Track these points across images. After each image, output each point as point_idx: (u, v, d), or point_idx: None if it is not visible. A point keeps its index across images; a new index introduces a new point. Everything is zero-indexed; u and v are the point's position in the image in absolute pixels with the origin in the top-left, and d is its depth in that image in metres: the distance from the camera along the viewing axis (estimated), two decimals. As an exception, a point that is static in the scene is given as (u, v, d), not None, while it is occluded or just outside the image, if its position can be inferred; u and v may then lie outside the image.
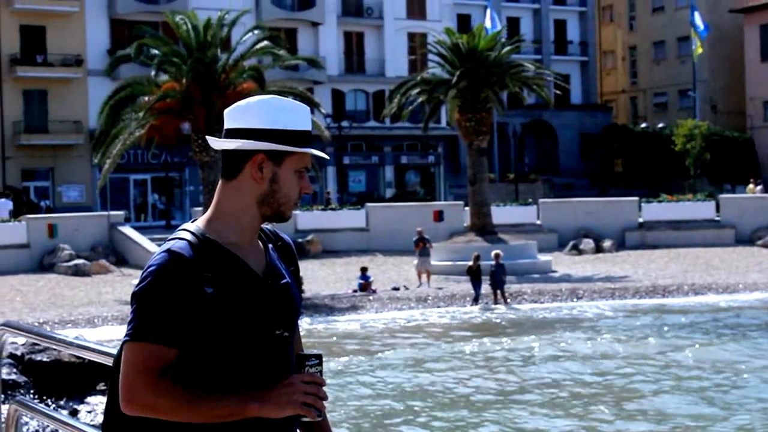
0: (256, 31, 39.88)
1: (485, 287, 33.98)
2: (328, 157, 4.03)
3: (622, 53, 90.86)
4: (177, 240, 3.50)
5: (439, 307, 34.00)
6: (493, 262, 33.71)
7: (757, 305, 32.82)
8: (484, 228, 45.15)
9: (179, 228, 3.58)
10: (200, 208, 41.48)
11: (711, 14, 79.93)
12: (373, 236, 50.00)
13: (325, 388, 3.40)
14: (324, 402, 3.40)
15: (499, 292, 33.76)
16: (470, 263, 33.98)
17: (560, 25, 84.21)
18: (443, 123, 63.68)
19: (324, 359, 3.49)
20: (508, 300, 34.02)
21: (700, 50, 71.49)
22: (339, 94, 71.25)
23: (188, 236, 3.51)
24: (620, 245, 50.51)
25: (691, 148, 71.05)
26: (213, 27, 37.72)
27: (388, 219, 50.76)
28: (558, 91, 47.89)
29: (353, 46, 72.91)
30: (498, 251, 34.84)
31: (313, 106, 39.46)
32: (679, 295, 35.96)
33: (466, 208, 48.62)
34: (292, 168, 3.59)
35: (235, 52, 38.28)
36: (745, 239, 50.51)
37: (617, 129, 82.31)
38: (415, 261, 38.55)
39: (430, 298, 35.38)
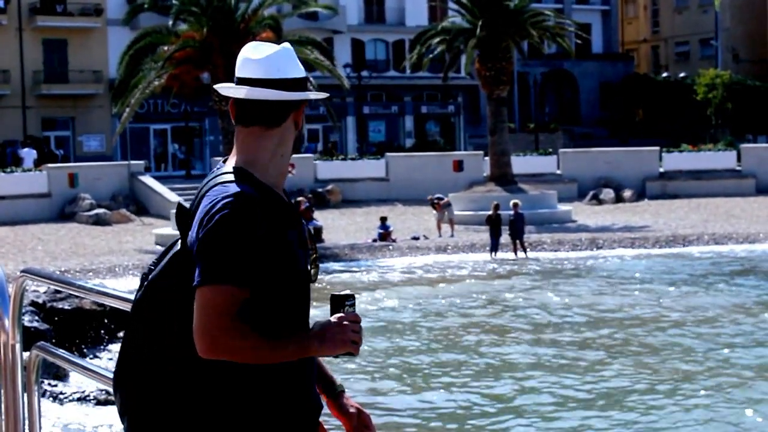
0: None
1: (505, 237, 33.97)
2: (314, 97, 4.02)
3: (643, 2, 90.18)
4: (236, 182, 3.52)
5: (458, 254, 34.02)
6: (512, 212, 33.66)
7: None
8: (503, 178, 45.12)
9: (224, 170, 3.61)
10: (220, 158, 41.47)
11: (734, -38, 79.28)
12: (393, 186, 50.04)
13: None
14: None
15: (518, 241, 33.72)
16: (490, 212, 33.93)
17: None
18: (463, 73, 63.42)
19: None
20: (527, 250, 34.00)
21: (716, 1, 70.83)
22: (359, 44, 70.99)
23: (243, 178, 3.55)
24: (640, 195, 50.44)
25: (713, 98, 70.71)
26: (232, -25, 37.61)
27: (408, 169, 50.75)
28: (579, 41, 47.66)
29: (373, -5, 72.54)
30: (517, 201, 34.77)
31: (329, 59, 39.34)
32: (700, 243, 35.90)
33: (486, 158, 48.57)
34: (303, 110, 3.75)
35: (254, 0, 38.18)
36: (766, 189, 50.33)
37: (638, 78, 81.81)
38: (435, 212, 38.61)
39: (449, 247, 35.41)
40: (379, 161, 52.01)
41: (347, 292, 3.58)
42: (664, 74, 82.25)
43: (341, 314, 3.51)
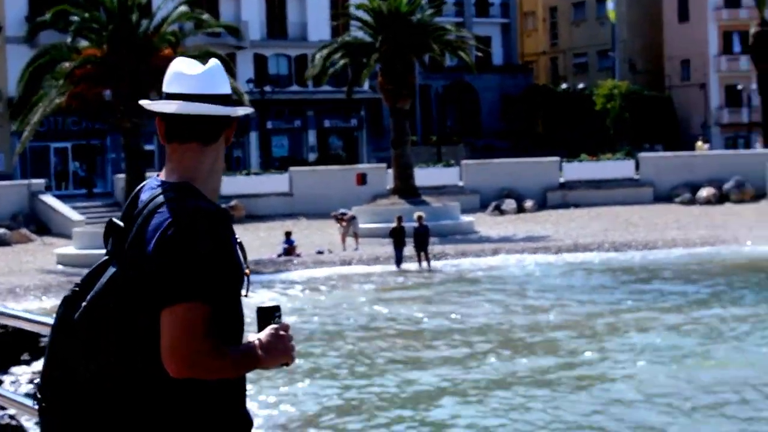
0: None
1: (409, 249, 34.22)
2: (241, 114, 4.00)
3: (542, 14, 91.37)
4: (186, 199, 3.46)
5: (362, 269, 34.17)
6: (416, 224, 33.95)
7: (672, 262, 33.42)
8: (407, 190, 45.45)
9: (165, 189, 3.52)
10: (123, 175, 41.19)
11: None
12: (297, 200, 50.11)
13: None
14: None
15: (422, 253, 34.01)
16: (394, 225, 34.18)
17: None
18: (365, 86, 63.72)
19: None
20: (431, 261, 34.29)
21: (612, 14, 72.10)
22: (261, 59, 70.91)
23: (192, 194, 3.49)
24: (541, 205, 51.14)
25: (611, 108, 71.95)
26: (133, -8, 37.43)
27: (312, 183, 50.88)
28: (480, 53, 48.21)
29: (275, 10, 72.55)
30: (421, 213, 35.12)
31: (231, 74, 39.35)
32: (601, 251, 36.51)
33: (389, 171, 48.86)
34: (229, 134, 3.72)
35: (156, 17, 38.05)
36: (664, 197, 51.34)
37: (538, 90, 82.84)
38: (339, 227, 38.75)
39: (354, 260, 35.57)
40: (283, 176, 52.03)
41: (274, 303, 3.57)
42: (564, 85, 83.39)
43: (275, 325, 3.51)
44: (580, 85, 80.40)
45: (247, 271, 3.59)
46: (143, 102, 3.77)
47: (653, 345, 19.43)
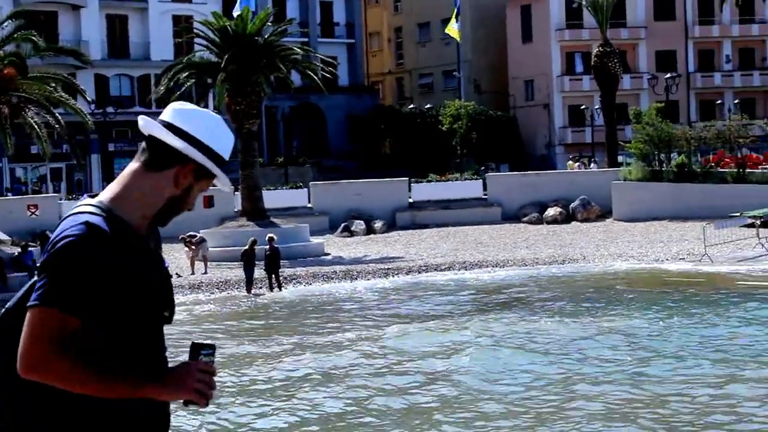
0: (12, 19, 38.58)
1: (260, 272, 33.62)
2: (229, 189, 3.90)
3: (387, 35, 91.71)
4: (89, 214, 3.52)
5: (212, 293, 33.48)
6: (267, 247, 33.36)
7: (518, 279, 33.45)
8: (256, 212, 44.81)
9: (84, 202, 3.62)
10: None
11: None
12: (143, 224, 48.90)
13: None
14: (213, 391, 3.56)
15: (273, 276, 33.44)
16: (246, 248, 33.46)
17: (326, 7, 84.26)
18: (211, 107, 62.69)
19: None
20: (283, 284, 33.75)
21: (455, 34, 72.58)
22: (102, 79, 69.48)
23: (98, 211, 3.55)
24: (391, 225, 50.99)
25: (458, 128, 72.36)
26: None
27: (157, 206, 49.72)
28: (327, 74, 47.87)
29: (116, 29, 71.21)
30: (272, 235, 34.53)
31: (78, 93, 38.31)
32: (452, 271, 36.42)
33: (237, 193, 48.11)
34: (202, 188, 3.77)
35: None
36: (512, 216, 51.66)
37: (384, 110, 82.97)
38: (187, 250, 37.94)
39: (204, 284, 34.81)
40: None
41: (208, 341, 3.61)
42: (410, 106, 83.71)
43: (193, 362, 3.54)
44: (427, 105, 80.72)
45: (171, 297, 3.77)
46: (150, 121, 3.77)
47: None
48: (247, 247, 33.47)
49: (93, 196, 3.68)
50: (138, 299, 3.52)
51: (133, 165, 3.70)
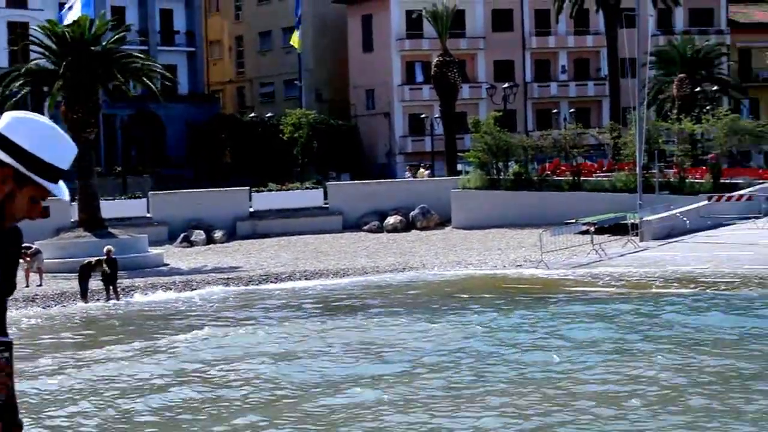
0: None
1: (97, 283, 33.13)
2: (67, 199, 3.90)
3: (228, 43, 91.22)
4: None
5: (48, 307, 32.79)
6: (104, 258, 32.93)
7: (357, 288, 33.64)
8: (93, 223, 44.12)
9: None
10: None
11: (316, 5, 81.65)
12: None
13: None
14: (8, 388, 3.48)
15: (111, 287, 33.02)
16: (91, 259, 33.04)
17: (166, 15, 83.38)
18: (47, 115, 61.47)
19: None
20: (120, 295, 33.32)
21: (297, 43, 72.76)
22: (-67, 86, 67.55)
23: None
24: (231, 235, 50.78)
25: (299, 137, 72.35)
26: None
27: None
28: (167, 82, 47.40)
29: (-53, 35, 69.38)
30: (110, 247, 34.12)
31: None
32: (293, 280, 36.43)
33: (73, 203, 47.28)
34: (30, 194, 3.63)
35: None
36: (353, 225, 51.93)
37: (225, 119, 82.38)
38: (22, 262, 37.11)
39: (38, 297, 34.11)
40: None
41: (2, 338, 3.52)
42: (251, 115, 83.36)
43: None
44: (268, 114, 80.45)
45: None
46: None
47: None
48: (93, 261, 33.03)
49: None
50: None
51: None
